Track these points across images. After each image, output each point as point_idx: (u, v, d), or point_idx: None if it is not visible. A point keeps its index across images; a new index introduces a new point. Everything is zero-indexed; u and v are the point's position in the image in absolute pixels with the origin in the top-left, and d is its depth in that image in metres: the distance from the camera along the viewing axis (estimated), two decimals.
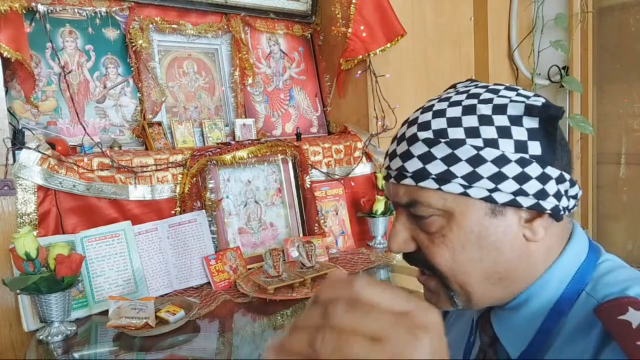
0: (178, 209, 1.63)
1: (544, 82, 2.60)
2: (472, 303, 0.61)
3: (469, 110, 0.56)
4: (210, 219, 1.66)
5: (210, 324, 1.34)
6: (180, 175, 1.63)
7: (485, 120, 0.55)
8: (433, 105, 0.60)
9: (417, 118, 0.60)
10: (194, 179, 1.64)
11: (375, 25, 2.03)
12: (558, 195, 0.56)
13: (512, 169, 0.54)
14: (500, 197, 0.55)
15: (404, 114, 2.38)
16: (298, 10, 2.22)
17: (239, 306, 1.43)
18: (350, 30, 2.01)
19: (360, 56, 2.05)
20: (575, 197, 0.60)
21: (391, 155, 0.62)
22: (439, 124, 0.57)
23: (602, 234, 2.64)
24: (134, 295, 1.43)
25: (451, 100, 0.59)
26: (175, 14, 1.89)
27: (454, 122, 0.56)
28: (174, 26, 1.87)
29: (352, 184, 2.09)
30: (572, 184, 0.59)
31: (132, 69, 1.78)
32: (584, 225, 2.56)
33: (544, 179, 0.55)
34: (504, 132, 0.55)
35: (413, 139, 0.58)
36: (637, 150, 2.47)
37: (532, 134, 0.55)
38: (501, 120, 0.55)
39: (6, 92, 1.42)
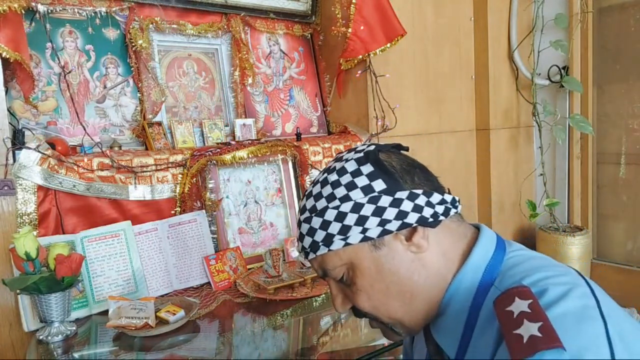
0: (178, 209, 1.63)
1: (544, 82, 2.59)
2: (408, 327, 0.71)
3: (324, 182, 0.71)
4: (210, 219, 1.67)
5: (210, 324, 1.34)
6: (180, 175, 1.63)
7: (335, 184, 0.70)
8: (307, 189, 0.75)
9: (301, 205, 0.75)
10: (194, 179, 1.64)
11: (375, 25, 2.03)
12: (417, 209, 0.67)
13: (367, 209, 0.67)
14: (372, 233, 0.67)
15: (404, 114, 2.39)
16: (298, 10, 2.22)
17: (239, 306, 1.43)
18: (350, 30, 2.01)
19: (360, 56, 2.05)
20: (442, 202, 0.69)
21: (297, 238, 0.75)
22: (310, 202, 0.72)
23: (602, 234, 2.63)
24: (134, 295, 1.43)
25: (315, 180, 0.74)
26: (175, 14, 1.89)
27: (318, 197, 0.71)
28: (174, 26, 1.87)
29: None
30: (429, 194, 0.69)
31: (132, 69, 1.78)
32: (584, 225, 2.56)
33: (396, 203, 0.67)
34: (351, 186, 0.69)
35: (299, 223, 0.73)
36: (637, 151, 2.47)
37: (372, 176, 0.69)
38: (346, 178, 0.69)
39: (6, 92, 1.42)
